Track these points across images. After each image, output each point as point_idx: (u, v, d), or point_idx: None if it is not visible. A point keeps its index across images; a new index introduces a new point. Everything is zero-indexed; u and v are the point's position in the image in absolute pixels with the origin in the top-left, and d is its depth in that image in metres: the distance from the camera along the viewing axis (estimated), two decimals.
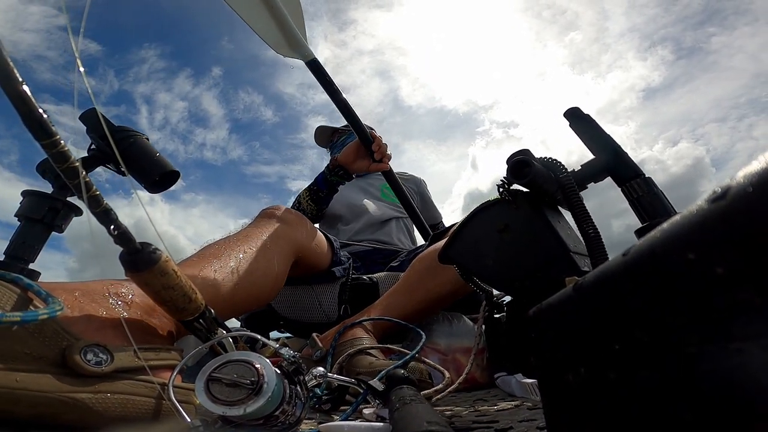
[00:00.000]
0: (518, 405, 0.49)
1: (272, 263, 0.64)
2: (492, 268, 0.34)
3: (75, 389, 0.26)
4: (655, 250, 0.14)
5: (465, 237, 0.36)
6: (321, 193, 1.07)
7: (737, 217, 0.11)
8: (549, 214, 0.33)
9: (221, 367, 0.28)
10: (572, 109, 0.37)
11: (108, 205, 0.27)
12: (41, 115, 0.23)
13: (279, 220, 0.74)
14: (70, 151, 0.25)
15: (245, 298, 0.57)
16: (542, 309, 0.23)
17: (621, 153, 0.35)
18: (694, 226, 0.12)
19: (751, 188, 0.11)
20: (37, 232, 0.63)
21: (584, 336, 0.18)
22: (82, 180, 0.25)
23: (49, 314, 0.26)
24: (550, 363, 0.21)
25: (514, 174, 0.33)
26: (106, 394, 0.27)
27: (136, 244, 0.28)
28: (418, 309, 0.74)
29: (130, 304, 0.34)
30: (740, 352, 0.11)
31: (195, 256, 0.55)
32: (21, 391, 0.24)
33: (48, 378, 0.26)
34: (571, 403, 0.19)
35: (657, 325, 0.14)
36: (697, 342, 0.12)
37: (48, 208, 0.63)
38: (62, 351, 0.27)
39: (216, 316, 0.34)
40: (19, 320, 0.24)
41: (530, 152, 0.35)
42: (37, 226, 0.63)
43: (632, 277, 0.15)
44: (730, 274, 0.11)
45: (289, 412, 0.29)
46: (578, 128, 0.36)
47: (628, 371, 0.15)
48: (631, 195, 0.33)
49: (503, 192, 0.34)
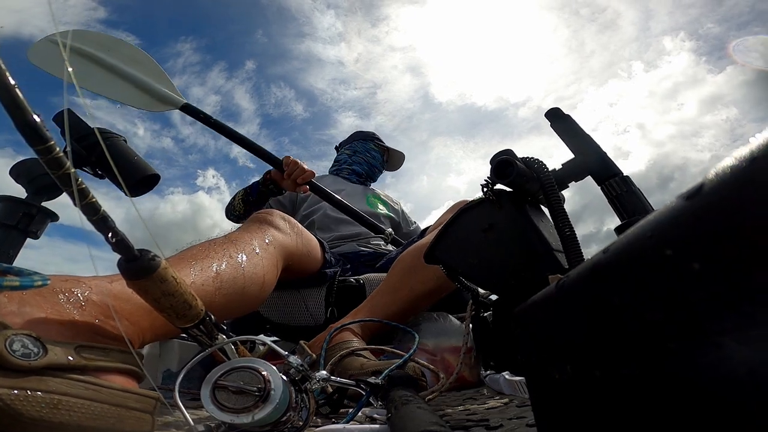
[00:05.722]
0: (507, 403, 0.49)
1: (259, 269, 0.61)
2: (477, 266, 0.34)
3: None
4: (633, 246, 0.14)
5: (450, 237, 0.36)
6: (251, 197, 1.17)
7: (711, 213, 0.11)
8: (532, 213, 0.34)
9: (226, 374, 0.27)
10: (553, 109, 0.38)
11: (105, 212, 0.26)
12: (35, 120, 0.22)
13: (270, 225, 0.72)
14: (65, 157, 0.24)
15: (226, 304, 0.53)
16: (527, 307, 0.23)
17: (600, 153, 0.35)
18: (670, 223, 0.13)
19: (723, 185, 0.11)
20: (12, 238, 0.61)
21: (568, 333, 0.18)
22: (75, 188, 0.24)
23: (43, 281, 0.27)
24: (537, 361, 0.21)
25: (498, 174, 0.33)
26: (35, 392, 0.24)
27: (135, 251, 0.27)
28: (403, 308, 0.74)
29: (84, 303, 0.32)
30: (718, 346, 0.11)
31: (174, 257, 0.51)
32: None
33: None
34: (558, 400, 0.20)
35: (637, 321, 0.14)
36: (676, 337, 0.13)
37: (22, 213, 0.61)
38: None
39: (217, 322, 0.33)
40: (18, 285, 0.25)
41: (513, 152, 0.35)
42: (12, 232, 0.61)
43: (612, 274, 0.15)
44: (705, 269, 0.11)
45: (294, 418, 0.29)
46: (559, 128, 0.37)
47: (612, 367, 0.16)
48: (610, 193, 0.34)
49: (487, 192, 0.34)
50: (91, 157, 0.67)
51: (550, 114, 0.37)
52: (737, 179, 0.11)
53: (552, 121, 0.37)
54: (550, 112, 0.38)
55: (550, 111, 0.38)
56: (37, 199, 0.63)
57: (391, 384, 0.37)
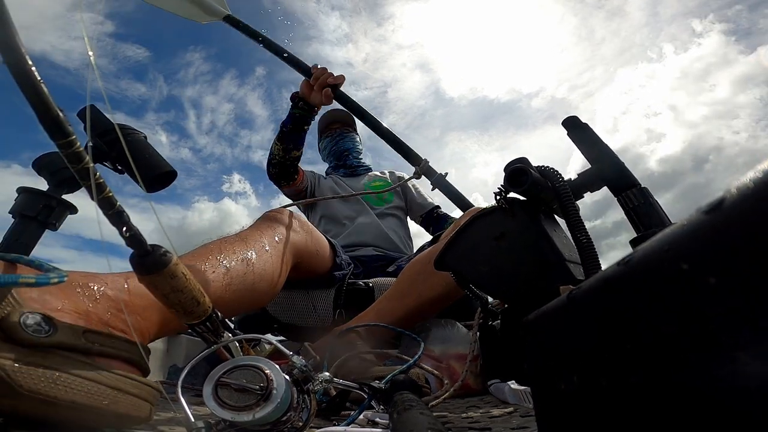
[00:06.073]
0: (511, 412, 0.49)
1: (268, 266, 0.63)
2: (487, 275, 0.34)
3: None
4: (650, 260, 0.14)
5: (461, 244, 0.36)
6: (285, 128, 1.10)
7: (732, 227, 0.11)
8: (545, 223, 0.33)
9: (229, 371, 0.28)
10: (570, 118, 0.37)
11: (121, 207, 0.26)
12: (58, 115, 0.23)
13: (280, 223, 0.73)
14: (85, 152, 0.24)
15: (236, 300, 0.54)
16: (536, 317, 0.23)
17: (618, 163, 0.35)
18: (688, 237, 0.12)
19: (746, 199, 0.11)
20: (31, 230, 0.63)
21: (577, 345, 0.18)
22: (93, 182, 0.25)
23: (59, 278, 0.27)
24: (543, 371, 0.21)
25: (511, 182, 0.33)
26: (37, 368, 0.25)
27: (147, 246, 0.28)
28: (410, 313, 0.74)
29: (99, 297, 0.33)
30: (732, 360, 0.11)
31: (186, 254, 0.53)
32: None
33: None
34: (563, 411, 0.19)
35: (651, 333, 0.14)
36: (690, 350, 0.12)
37: (43, 205, 0.63)
38: (5, 317, 0.25)
39: (224, 319, 0.33)
40: (34, 282, 0.25)
41: (527, 160, 0.35)
42: (32, 223, 0.63)
43: (626, 287, 0.15)
44: (722, 283, 0.11)
45: (295, 418, 0.29)
46: (576, 137, 0.36)
47: (620, 379, 0.15)
48: (627, 205, 0.33)
49: (500, 200, 0.34)
50: (111, 152, 0.69)
51: (568, 123, 0.37)
52: (759, 195, 0.10)
53: (569, 130, 0.37)
54: (567, 121, 0.37)
55: (567, 120, 0.37)
56: (58, 192, 0.64)
57: (393, 388, 0.37)
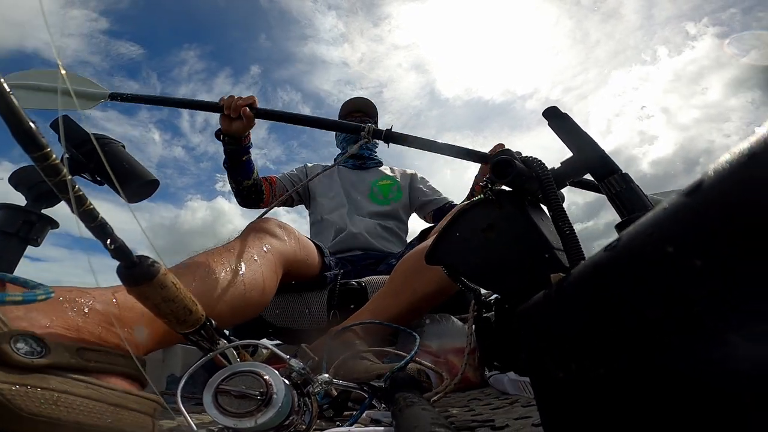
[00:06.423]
0: (512, 403, 0.49)
1: (258, 275, 0.63)
2: (479, 267, 0.34)
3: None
4: (634, 244, 0.14)
5: (451, 237, 0.36)
6: (225, 165, 1.13)
7: (710, 209, 0.11)
8: (532, 212, 0.34)
9: (228, 378, 0.28)
10: (551, 108, 0.38)
11: (103, 219, 0.26)
12: (31, 127, 0.22)
13: (266, 233, 0.73)
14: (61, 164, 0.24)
15: (228, 311, 0.55)
16: (529, 306, 0.23)
17: (598, 150, 0.35)
18: (670, 220, 0.13)
19: (722, 181, 0.11)
20: (12, 246, 0.61)
21: (571, 331, 0.18)
22: (72, 195, 0.24)
23: (46, 295, 0.27)
24: (540, 360, 0.21)
25: (497, 174, 0.33)
26: (35, 388, 0.25)
27: (133, 257, 0.27)
28: (406, 310, 0.75)
29: (87, 312, 0.32)
30: (723, 343, 0.11)
31: (174, 267, 0.53)
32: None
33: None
34: (563, 398, 0.20)
35: (640, 318, 0.14)
36: (678, 333, 0.13)
37: (23, 221, 0.61)
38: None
39: (218, 327, 0.33)
40: (21, 300, 0.25)
41: (512, 152, 0.35)
42: (12, 240, 0.61)
43: (614, 272, 0.15)
44: (706, 265, 0.11)
45: (297, 421, 0.29)
46: (557, 126, 0.37)
47: (615, 365, 0.16)
48: (610, 191, 0.34)
49: (487, 191, 0.34)
50: (89, 163, 0.67)
51: (548, 113, 0.37)
52: (736, 175, 0.11)
53: (549, 120, 0.37)
54: (548, 111, 0.38)
55: (548, 110, 0.38)
56: (37, 207, 0.63)
57: (394, 386, 0.37)
